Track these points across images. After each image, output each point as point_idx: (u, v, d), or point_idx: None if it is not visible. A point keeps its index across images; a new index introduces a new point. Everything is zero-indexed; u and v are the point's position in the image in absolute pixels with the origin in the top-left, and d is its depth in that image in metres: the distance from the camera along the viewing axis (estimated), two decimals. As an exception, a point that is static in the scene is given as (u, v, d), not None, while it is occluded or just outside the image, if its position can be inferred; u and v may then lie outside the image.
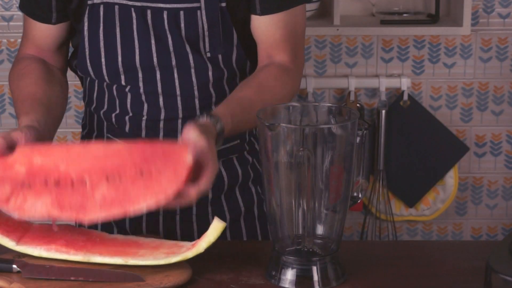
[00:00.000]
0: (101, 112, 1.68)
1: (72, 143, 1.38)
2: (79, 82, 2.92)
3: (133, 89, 1.63)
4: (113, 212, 1.33)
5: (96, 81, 1.67)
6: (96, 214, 1.33)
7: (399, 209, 2.84)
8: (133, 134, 1.65)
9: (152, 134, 1.64)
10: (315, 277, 1.34)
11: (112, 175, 1.34)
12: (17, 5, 2.79)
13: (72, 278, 1.35)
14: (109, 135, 1.68)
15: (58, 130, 2.96)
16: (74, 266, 1.38)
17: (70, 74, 1.75)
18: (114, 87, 1.65)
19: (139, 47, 1.60)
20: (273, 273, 1.36)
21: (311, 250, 1.35)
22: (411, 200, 2.82)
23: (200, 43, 1.59)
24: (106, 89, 1.66)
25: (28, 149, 1.38)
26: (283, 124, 1.31)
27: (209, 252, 1.39)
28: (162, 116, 1.63)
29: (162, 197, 1.32)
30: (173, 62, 1.60)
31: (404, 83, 2.75)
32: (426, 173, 2.80)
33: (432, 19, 2.71)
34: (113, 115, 1.66)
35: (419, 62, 2.81)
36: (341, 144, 1.31)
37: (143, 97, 1.63)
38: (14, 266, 1.36)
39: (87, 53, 1.63)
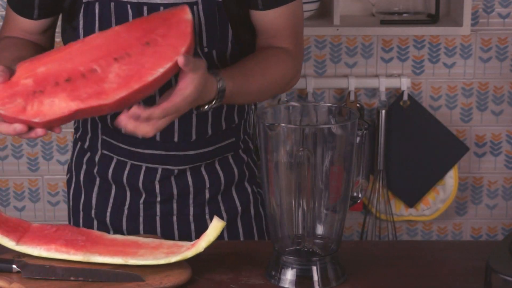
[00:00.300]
0: None
1: (68, 44, 1.36)
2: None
3: None
4: (133, 86, 1.32)
5: None
6: (117, 93, 1.32)
7: (399, 209, 2.84)
8: (129, 135, 1.64)
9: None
10: (315, 277, 1.34)
11: (119, 55, 1.33)
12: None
13: (72, 278, 1.35)
14: (104, 137, 1.67)
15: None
16: (74, 266, 1.38)
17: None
18: None
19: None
20: (273, 273, 1.36)
21: (311, 250, 1.35)
22: (411, 200, 2.82)
23: (197, 38, 1.59)
24: None
25: (28, 63, 1.36)
26: (283, 124, 1.31)
27: (209, 252, 1.39)
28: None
29: (175, 58, 1.32)
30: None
31: (404, 83, 2.75)
32: (426, 173, 2.80)
33: (432, 19, 2.71)
34: (108, 115, 1.65)
35: (419, 62, 2.81)
36: (341, 144, 1.31)
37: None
38: (14, 266, 1.36)
39: None
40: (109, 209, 1.70)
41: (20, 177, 2.91)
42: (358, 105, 2.78)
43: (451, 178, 2.82)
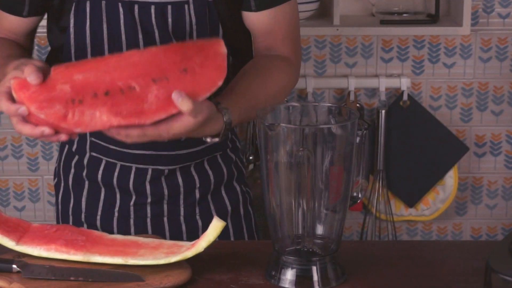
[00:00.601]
0: None
1: (104, 56, 1.35)
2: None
3: None
4: (171, 111, 1.33)
5: None
6: (156, 115, 1.33)
7: (399, 209, 2.84)
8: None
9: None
10: (315, 277, 1.34)
11: (158, 77, 1.33)
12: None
13: (71, 278, 1.35)
14: (92, 139, 1.67)
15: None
16: (74, 266, 1.38)
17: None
18: None
19: (126, 42, 1.59)
20: (273, 273, 1.36)
21: (311, 250, 1.35)
22: (411, 200, 2.82)
23: (187, 38, 1.59)
24: None
25: (63, 68, 1.36)
26: (283, 124, 1.31)
27: (209, 252, 1.39)
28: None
29: (213, 88, 1.34)
30: None
31: (404, 83, 2.75)
32: (426, 173, 2.80)
33: (432, 19, 2.71)
34: None
35: (419, 62, 2.81)
36: (341, 144, 1.31)
37: None
38: (14, 266, 1.36)
39: (72, 51, 1.61)
40: (99, 212, 1.70)
41: (20, 177, 2.91)
42: (358, 105, 2.78)
43: (451, 178, 2.82)
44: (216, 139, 1.46)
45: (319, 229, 1.35)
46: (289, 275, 1.35)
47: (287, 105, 1.40)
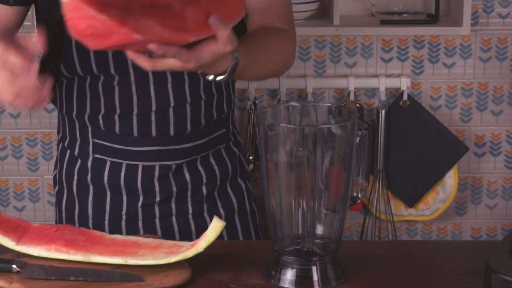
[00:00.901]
0: (85, 116, 1.64)
1: None
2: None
3: (122, 79, 1.60)
4: (209, 32, 1.31)
5: (76, 82, 1.63)
6: (196, 34, 1.31)
7: (398, 209, 2.84)
8: (124, 134, 1.63)
9: (144, 129, 1.62)
10: (315, 277, 1.34)
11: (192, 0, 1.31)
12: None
13: (71, 278, 1.35)
14: (95, 140, 1.65)
15: (53, 130, 2.96)
16: (74, 266, 1.38)
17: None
18: (100, 83, 1.61)
19: None
20: (273, 273, 1.36)
21: (310, 250, 1.35)
22: (410, 200, 2.82)
23: None
24: (88, 89, 1.62)
25: None
26: (283, 124, 1.31)
27: (209, 252, 1.39)
28: (154, 107, 1.61)
29: (237, 19, 1.35)
30: None
31: (404, 83, 2.75)
32: (425, 173, 2.80)
33: (432, 19, 2.71)
34: (100, 116, 1.63)
35: (419, 62, 2.81)
36: (340, 144, 1.31)
37: (133, 88, 1.60)
38: (14, 266, 1.36)
39: (73, 42, 1.58)
40: (106, 217, 1.68)
41: (20, 177, 2.91)
42: (358, 105, 2.78)
43: (450, 178, 2.82)
44: (222, 77, 1.42)
45: (319, 229, 1.35)
46: (289, 275, 1.35)
47: (287, 105, 1.40)
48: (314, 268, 1.34)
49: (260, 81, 1.66)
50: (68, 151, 1.70)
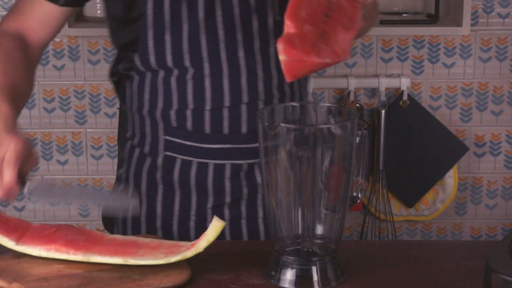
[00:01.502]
0: (156, 112, 1.62)
1: None
2: (78, 82, 2.92)
3: (196, 73, 1.58)
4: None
5: (149, 77, 1.61)
6: (360, 22, 1.37)
7: (398, 209, 2.84)
8: (195, 130, 1.60)
9: (216, 126, 1.58)
10: (315, 277, 1.34)
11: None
12: (17, 5, 2.79)
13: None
14: (166, 137, 1.62)
15: (59, 130, 2.95)
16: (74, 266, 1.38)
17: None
18: (173, 77, 1.59)
19: (205, 21, 1.55)
20: (273, 273, 1.36)
21: (310, 250, 1.35)
22: (410, 200, 2.82)
23: (267, 10, 1.57)
24: (162, 84, 1.60)
25: (289, 9, 1.36)
26: (283, 124, 1.31)
27: (209, 252, 1.39)
28: (227, 102, 1.59)
29: None
30: (239, 37, 1.57)
31: (404, 83, 2.75)
32: (425, 173, 2.80)
33: (432, 19, 2.71)
34: (172, 112, 1.61)
35: (419, 62, 2.81)
36: (340, 144, 1.31)
37: (207, 82, 1.58)
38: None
39: (149, 34, 1.57)
40: (175, 217, 1.65)
41: (19, 177, 2.91)
42: (357, 105, 2.78)
43: (450, 178, 2.82)
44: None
45: (319, 229, 1.35)
46: (289, 275, 1.35)
47: (287, 105, 1.40)
48: (314, 268, 1.34)
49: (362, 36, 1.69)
50: (137, 150, 1.67)
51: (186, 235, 1.64)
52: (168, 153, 1.63)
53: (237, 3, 1.57)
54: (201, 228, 1.60)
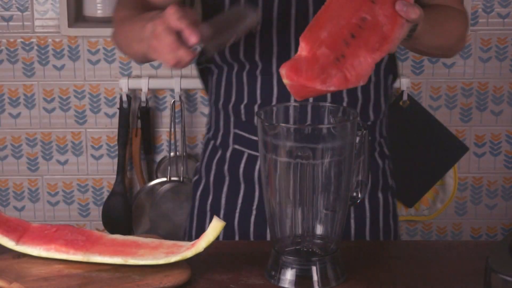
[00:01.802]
0: (229, 106, 1.65)
1: (324, 4, 1.37)
2: (78, 82, 2.92)
3: (265, 68, 1.59)
4: (400, 21, 1.35)
5: (225, 72, 1.64)
6: (394, 32, 1.34)
7: (398, 209, 2.84)
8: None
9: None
10: (315, 277, 1.34)
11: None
12: (17, 5, 2.79)
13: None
14: (236, 131, 1.65)
15: (59, 130, 2.96)
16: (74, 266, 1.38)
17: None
18: (245, 71, 1.61)
19: (277, 19, 1.56)
20: (273, 273, 1.36)
21: (310, 250, 1.35)
22: (410, 200, 2.82)
23: None
24: (235, 78, 1.63)
25: (307, 33, 1.34)
26: (283, 124, 1.31)
27: (209, 252, 1.39)
28: (292, 100, 1.57)
29: None
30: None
31: (404, 83, 2.75)
32: (425, 173, 2.80)
33: (432, 19, 2.71)
34: (242, 106, 1.63)
35: (419, 62, 2.81)
36: (340, 144, 1.31)
37: (274, 78, 1.59)
38: None
39: None
40: (238, 209, 1.67)
41: (19, 177, 2.91)
42: (357, 105, 2.77)
43: (450, 178, 2.82)
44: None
45: (319, 229, 1.35)
46: (289, 275, 1.35)
47: (287, 105, 1.40)
48: (314, 268, 1.34)
49: (437, 53, 1.62)
50: (212, 142, 1.71)
51: (247, 229, 1.66)
52: (236, 147, 1.66)
53: (312, 2, 1.58)
54: (261, 223, 1.63)
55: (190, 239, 1.74)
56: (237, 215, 1.67)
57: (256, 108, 1.63)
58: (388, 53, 1.35)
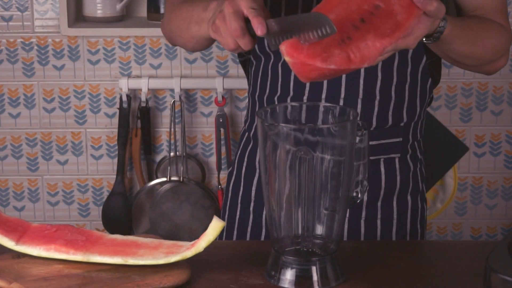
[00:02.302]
0: (264, 97, 1.65)
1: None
2: (78, 82, 2.92)
3: None
4: (417, 12, 1.33)
5: (262, 63, 1.64)
6: (409, 21, 1.32)
7: (398, 209, 2.83)
8: (292, 120, 1.61)
9: (312, 119, 1.55)
10: (315, 277, 1.34)
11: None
12: (16, 5, 2.79)
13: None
14: None
15: (58, 130, 2.96)
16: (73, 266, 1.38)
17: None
18: (280, 63, 1.61)
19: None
20: (273, 273, 1.36)
21: (310, 250, 1.35)
22: (410, 200, 2.82)
23: None
24: (270, 70, 1.63)
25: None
26: (283, 124, 1.31)
27: (209, 252, 1.39)
28: (324, 94, 1.59)
29: None
30: None
31: (404, 83, 2.74)
32: (425, 173, 2.80)
33: (432, 19, 2.71)
34: (275, 98, 1.63)
35: (419, 62, 2.81)
36: (340, 144, 1.31)
37: None
38: None
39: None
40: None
41: (19, 177, 2.91)
42: (357, 105, 2.77)
43: (450, 178, 2.82)
44: (427, 39, 1.44)
45: (319, 229, 1.35)
46: (289, 275, 1.35)
47: (286, 105, 1.40)
48: (313, 268, 1.34)
49: (470, 63, 1.60)
50: (246, 134, 1.71)
51: None
52: None
53: None
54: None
55: (222, 232, 1.73)
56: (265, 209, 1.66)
57: (289, 100, 1.62)
58: (406, 47, 1.34)
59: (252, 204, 1.68)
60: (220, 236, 1.73)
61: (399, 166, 1.67)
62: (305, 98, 1.61)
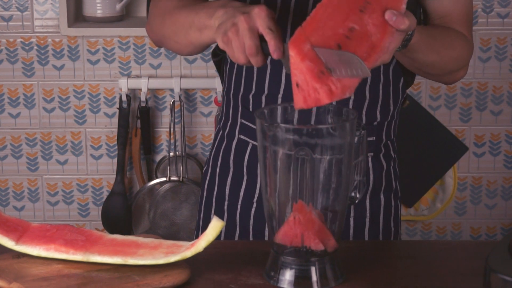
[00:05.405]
0: (239, 96, 1.64)
1: (312, 12, 1.33)
2: (78, 81, 2.93)
3: (274, 60, 1.58)
4: (390, 29, 1.32)
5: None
6: (384, 41, 1.31)
7: (398, 209, 2.84)
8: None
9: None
10: (314, 278, 1.34)
11: (362, 6, 1.32)
12: (16, 5, 2.79)
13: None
14: (242, 121, 1.64)
15: (58, 130, 2.96)
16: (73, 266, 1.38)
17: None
18: None
19: (294, 9, 1.55)
20: (272, 273, 1.36)
21: (309, 250, 1.35)
22: (410, 200, 2.82)
23: None
24: (245, 68, 1.62)
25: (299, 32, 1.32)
26: (282, 124, 1.31)
27: (209, 252, 1.39)
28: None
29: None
30: None
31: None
32: (425, 173, 2.80)
33: (431, 19, 2.71)
34: (250, 96, 1.62)
35: (418, 62, 2.81)
36: (339, 144, 1.31)
37: (283, 69, 1.57)
38: None
39: None
40: (239, 202, 1.66)
41: (19, 177, 2.92)
42: (357, 105, 2.77)
43: (450, 178, 2.82)
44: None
45: (319, 229, 1.35)
46: (288, 275, 1.35)
47: (286, 105, 1.40)
48: (313, 269, 1.34)
49: (432, 72, 1.61)
50: (221, 132, 1.71)
51: (247, 222, 1.65)
52: (242, 137, 1.66)
53: None
54: (260, 217, 1.62)
55: (198, 230, 1.75)
56: (239, 207, 1.67)
57: (263, 98, 1.61)
58: (382, 63, 1.33)
59: (226, 203, 1.68)
60: (196, 234, 1.74)
61: (372, 165, 1.67)
62: (279, 96, 1.60)
